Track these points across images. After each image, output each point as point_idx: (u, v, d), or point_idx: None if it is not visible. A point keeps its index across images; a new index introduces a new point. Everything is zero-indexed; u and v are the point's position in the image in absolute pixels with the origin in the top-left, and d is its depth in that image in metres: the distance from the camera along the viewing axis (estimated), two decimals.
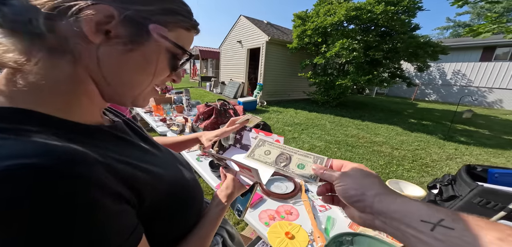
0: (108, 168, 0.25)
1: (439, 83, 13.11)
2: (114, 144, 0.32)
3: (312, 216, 0.84)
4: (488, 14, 3.81)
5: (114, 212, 0.24)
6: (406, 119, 6.61)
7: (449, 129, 5.09)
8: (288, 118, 5.63)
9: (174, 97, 2.66)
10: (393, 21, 6.28)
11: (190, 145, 0.75)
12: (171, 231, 0.37)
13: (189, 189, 0.41)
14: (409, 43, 6.65)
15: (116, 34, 0.26)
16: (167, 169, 0.37)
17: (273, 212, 0.87)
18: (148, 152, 0.38)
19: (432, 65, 11.14)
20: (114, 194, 0.24)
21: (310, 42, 7.40)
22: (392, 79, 7.84)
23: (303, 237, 0.75)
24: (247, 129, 0.62)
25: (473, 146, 4.26)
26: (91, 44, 0.26)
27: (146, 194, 0.29)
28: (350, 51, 6.08)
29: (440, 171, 3.11)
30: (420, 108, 9.43)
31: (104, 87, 0.30)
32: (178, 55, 0.33)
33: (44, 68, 0.25)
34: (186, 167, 0.47)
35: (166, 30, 0.30)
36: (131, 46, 0.28)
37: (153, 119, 2.11)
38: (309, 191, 1.03)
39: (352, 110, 7.34)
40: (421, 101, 12.46)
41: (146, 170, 0.31)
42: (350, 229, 0.80)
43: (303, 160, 0.42)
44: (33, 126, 0.24)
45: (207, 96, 8.71)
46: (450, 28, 26.58)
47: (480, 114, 8.25)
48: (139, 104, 0.35)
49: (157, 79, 0.33)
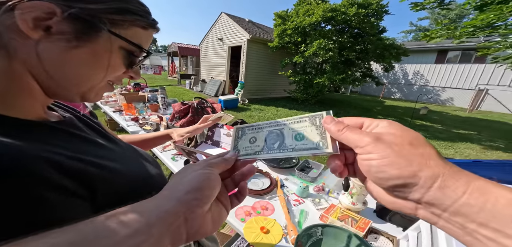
0: (53, 163, 0.25)
1: (402, 82, 14.52)
2: (61, 140, 0.31)
3: (286, 210, 0.88)
4: (439, 21, 4.33)
5: (60, 205, 0.24)
6: (375, 115, 7.23)
7: (409, 124, 5.70)
8: (269, 116, 5.73)
9: (148, 95, 2.51)
10: (364, 23, 6.81)
11: (161, 141, 0.74)
12: None
13: (153, 183, 0.40)
14: (377, 45, 7.26)
15: (58, 30, 0.26)
16: (126, 164, 0.37)
17: (249, 208, 0.89)
18: (104, 147, 0.38)
19: (396, 66, 12.25)
20: (59, 187, 0.24)
21: (290, 41, 7.59)
22: (363, 78, 8.48)
23: (277, 231, 0.79)
24: (219, 126, 0.63)
25: (429, 139, 4.84)
26: (29, 40, 0.25)
27: (99, 189, 0.29)
28: (326, 51, 6.41)
29: None
30: (387, 106, 10.37)
31: (47, 83, 0.30)
32: (135, 52, 0.33)
33: None
34: (152, 162, 0.46)
35: (118, 28, 0.30)
36: (76, 43, 0.27)
37: (123, 118, 1.97)
38: (284, 186, 1.08)
39: (329, 107, 7.76)
40: (388, 99, 13.68)
41: (100, 165, 0.31)
42: (321, 221, 0.86)
43: (299, 127, 0.31)
44: None
45: (186, 94, 8.39)
46: (412, 32, 29.48)
47: (434, 111, 9.37)
48: (90, 99, 0.34)
49: (110, 75, 0.33)
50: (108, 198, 0.30)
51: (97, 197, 0.29)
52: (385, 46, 7.41)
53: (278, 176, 1.15)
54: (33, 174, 0.23)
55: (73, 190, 0.26)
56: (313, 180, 1.12)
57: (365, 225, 0.77)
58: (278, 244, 0.74)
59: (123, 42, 0.31)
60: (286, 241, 0.76)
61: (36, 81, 0.29)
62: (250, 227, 0.79)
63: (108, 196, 0.30)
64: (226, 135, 0.60)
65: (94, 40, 0.28)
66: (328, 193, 1.04)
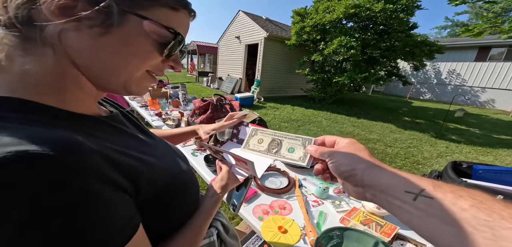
0: (105, 157, 0.25)
1: (434, 82, 13.30)
2: (111, 134, 0.32)
3: (304, 210, 0.86)
4: (484, 15, 3.88)
5: (111, 200, 0.24)
6: (401, 117, 6.73)
7: (441, 128, 5.20)
8: (285, 115, 5.66)
9: (170, 91, 2.63)
10: (391, 20, 6.32)
11: (187, 137, 0.75)
12: (167, 222, 0.37)
13: (185, 180, 0.40)
14: (406, 42, 6.71)
15: (85, 17, 0.25)
16: (163, 159, 0.37)
17: (267, 207, 0.89)
18: (144, 142, 0.38)
19: (428, 64, 11.26)
20: (111, 182, 0.25)
21: (308, 39, 7.38)
22: (388, 77, 7.93)
23: (295, 231, 0.77)
24: (244, 124, 0.63)
25: (463, 144, 4.38)
26: (65, 31, 0.25)
27: (142, 184, 0.29)
28: (348, 49, 6.10)
29: (430, 168, 3.20)
30: (414, 107, 9.59)
31: (91, 75, 0.30)
32: (167, 37, 0.30)
33: (29, 59, 0.25)
34: (182, 158, 0.47)
35: (144, 10, 0.28)
36: (104, 30, 0.26)
37: (148, 113, 2.09)
38: (303, 186, 1.06)
39: (348, 107, 7.42)
40: (416, 100, 12.65)
41: (143, 160, 0.31)
42: (341, 223, 0.82)
43: (293, 143, 0.44)
44: (30, 115, 0.24)
45: (204, 91, 8.64)
46: (448, 27, 26.79)
47: (472, 113, 8.44)
48: (132, 91, 0.33)
49: (146, 64, 0.31)
50: (147, 193, 0.30)
51: (140, 192, 0.29)
52: (415, 43, 6.80)
53: (296, 175, 1.13)
54: (93, 169, 0.23)
55: (124, 186, 0.26)
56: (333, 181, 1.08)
57: (391, 231, 0.72)
58: (296, 244, 0.73)
59: (150, 25, 0.28)
60: (304, 242, 0.75)
61: (83, 75, 0.29)
62: (268, 226, 0.79)
63: (148, 191, 0.30)
64: None
65: (121, 25, 0.27)
66: (350, 196, 1.00)
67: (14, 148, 0.19)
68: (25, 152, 0.19)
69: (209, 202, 0.47)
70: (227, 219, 0.61)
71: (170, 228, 0.38)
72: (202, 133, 0.72)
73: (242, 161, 0.45)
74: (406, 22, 6.81)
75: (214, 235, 0.52)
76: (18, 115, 0.23)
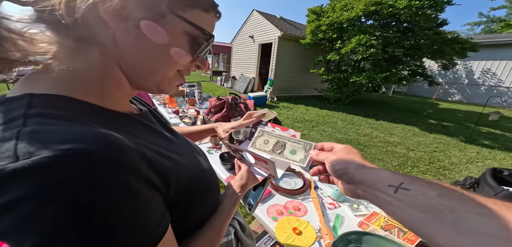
0: (142, 155, 0.26)
1: (465, 82, 12.18)
2: (143, 132, 0.33)
3: (320, 213, 0.84)
4: None
5: (148, 199, 0.24)
6: (425, 119, 6.27)
7: (472, 131, 4.76)
8: (298, 115, 5.56)
9: (186, 90, 2.72)
10: (417, 17, 5.86)
11: (206, 135, 0.76)
12: (189, 220, 0.37)
13: (206, 178, 0.41)
14: (434, 39, 6.18)
15: (133, 18, 0.26)
16: (187, 158, 0.37)
17: (281, 207, 0.88)
18: (170, 140, 0.39)
19: (459, 63, 10.33)
20: (147, 180, 0.25)
21: (324, 38, 7.17)
22: (412, 77, 7.42)
23: (310, 233, 0.75)
24: (263, 123, 0.62)
25: (498, 149, 3.96)
26: (112, 30, 0.27)
27: (171, 182, 0.29)
28: (367, 47, 5.80)
29: (459, 175, 2.93)
30: (441, 109, 8.88)
31: (131, 74, 0.31)
32: (198, 38, 0.32)
33: (76, 58, 0.27)
34: (203, 156, 0.47)
35: (181, 11, 0.29)
36: None
37: (166, 111, 2.18)
38: (319, 188, 1.03)
39: (365, 108, 7.08)
40: (443, 102, 11.70)
41: (170, 158, 0.32)
42: (359, 228, 0.79)
43: (295, 146, 0.48)
44: (73, 112, 0.25)
45: (218, 90, 8.81)
46: (482, 23, 24.34)
47: (508, 116, 7.60)
48: (165, 89, 0.34)
49: (178, 64, 0.32)
50: (174, 191, 0.30)
51: (169, 191, 0.29)
52: (445, 41, 6.25)
53: (312, 177, 1.10)
54: (135, 168, 0.23)
55: (157, 185, 0.27)
56: None
57: (415, 238, 0.67)
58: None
59: (187, 26, 0.30)
60: (320, 245, 0.73)
61: (123, 73, 0.31)
62: (282, 227, 0.78)
63: (175, 190, 0.30)
64: None
65: (164, 26, 0.28)
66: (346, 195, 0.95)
67: (66, 146, 0.19)
68: (77, 149, 0.20)
69: (229, 201, 0.47)
70: (243, 218, 0.61)
71: (191, 228, 0.38)
72: (221, 132, 0.71)
73: (262, 161, 0.45)
74: (434, 19, 6.29)
75: (231, 234, 0.52)
76: (66, 113, 0.24)
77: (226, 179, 1.09)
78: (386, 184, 0.29)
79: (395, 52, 6.54)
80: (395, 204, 0.27)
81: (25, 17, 0.24)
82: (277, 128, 0.57)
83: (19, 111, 0.22)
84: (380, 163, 3.12)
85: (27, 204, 0.18)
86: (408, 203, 0.26)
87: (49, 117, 0.23)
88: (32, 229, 0.18)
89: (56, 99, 0.25)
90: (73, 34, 0.26)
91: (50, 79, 0.26)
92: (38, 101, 0.24)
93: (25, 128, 0.20)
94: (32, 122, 0.21)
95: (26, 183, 0.18)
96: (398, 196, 0.27)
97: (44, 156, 0.18)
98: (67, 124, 0.23)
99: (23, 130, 0.20)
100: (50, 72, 0.26)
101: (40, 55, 0.25)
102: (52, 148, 0.19)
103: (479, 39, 9.74)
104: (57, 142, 0.20)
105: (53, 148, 0.19)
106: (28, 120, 0.21)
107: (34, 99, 0.24)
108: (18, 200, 0.18)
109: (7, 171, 0.18)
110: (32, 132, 0.20)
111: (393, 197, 0.28)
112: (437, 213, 0.23)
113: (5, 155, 0.18)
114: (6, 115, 0.22)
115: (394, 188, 0.28)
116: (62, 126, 0.22)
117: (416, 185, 0.27)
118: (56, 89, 0.26)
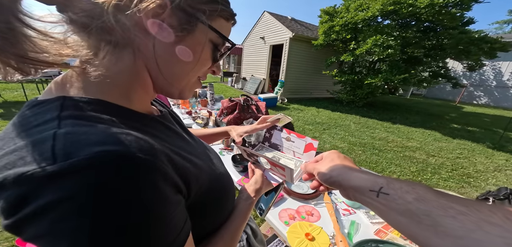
0: (167, 158, 0.26)
1: (492, 84, 11.31)
2: (166, 134, 0.33)
3: (334, 218, 0.81)
4: None
5: (174, 202, 0.25)
6: (447, 124, 5.89)
7: (501, 137, 4.39)
8: (309, 117, 5.47)
9: (199, 91, 2.77)
10: (440, 15, 5.52)
11: (219, 137, 0.75)
12: (206, 224, 0.37)
13: (224, 183, 0.40)
14: (460, 39, 5.78)
15: (168, 24, 0.27)
16: (205, 161, 0.37)
17: (293, 212, 0.86)
18: (189, 143, 0.39)
19: (487, 63, 9.58)
20: (174, 184, 0.25)
21: (337, 39, 7.01)
22: (433, 79, 7.01)
23: (323, 240, 0.73)
24: (278, 128, 0.62)
25: None
26: (149, 35, 0.27)
27: (192, 186, 0.29)
28: (385, 48, 5.57)
29: (485, 183, 2.71)
30: (465, 113, 8.30)
31: (158, 78, 0.31)
32: (219, 45, 0.33)
33: (109, 61, 0.27)
34: (219, 160, 0.46)
35: (209, 19, 0.30)
36: (181, 36, 0.28)
37: (180, 111, 2.24)
38: (332, 193, 1.00)
39: (381, 111, 6.80)
40: (468, 105, 10.94)
41: (191, 161, 0.32)
42: (376, 236, 0.75)
43: (288, 162, 0.51)
44: (105, 115, 0.25)
45: (228, 91, 8.91)
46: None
47: None
48: (185, 95, 0.35)
49: (200, 70, 0.33)
50: (194, 195, 0.30)
51: (190, 194, 0.29)
52: (471, 40, 5.82)
53: None
54: (163, 170, 0.23)
55: (180, 188, 0.27)
56: None
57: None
58: None
59: (213, 34, 0.31)
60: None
61: (150, 77, 0.31)
62: (294, 232, 0.76)
63: (195, 194, 0.30)
64: (285, 139, 0.60)
65: (193, 33, 0.29)
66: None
67: (102, 148, 0.20)
68: (112, 151, 0.20)
69: (244, 205, 0.46)
70: (255, 223, 0.61)
71: (207, 232, 0.38)
72: (235, 136, 0.71)
73: (278, 166, 0.44)
74: (460, 18, 5.87)
75: (243, 240, 0.51)
76: (97, 116, 0.24)
77: (238, 181, 1.10)
78: (367, 189, 0.30)
79: (415, 52, 6.21)
80: (380, 208, 0.28)
81: (50, 17, 0.24)
82: (293, 134, 0.56)
83: (53, 113, 0.22)
84: (397, 168, 2.97)
85: (65, 206, 0.18)
86: (390, 207, 0.27)
87: (83, 119, 0.23)
88: (68, 233, 0.18)
89: (88, 102, 0.25)
90: (109, 38, 0.26)
91: (81, 82, 0.27)
92: (70, 103, 0.24)
93: (60, 129, 0.21)
94: (66, 124, 0.22)
95: (64, 185, 0.18)
96: (381, 200, 0.28)
97: (82, 158, 0.18)
98: (100, 126, 0.23)
99: (59, 132, 0.20)
100: (81, 75, 0.27)
101: (67, 57, 0.25)
102: (88, 150, 0.19)
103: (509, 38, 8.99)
104: (93, 143, 0.20)
105: (90, 150, 0.19)
106: (62, 122, 0.22)
107: (66, 101, 0.24)
108: (56, 202, 0.18)
109: (46, 173, 0.18)
110: (68, 133, 0.20)
111: (377, 201, 0.29)
112: (416, 217, 0.25)
113: (43, 157, 0.18)
114: (41, 117, 0.22)
115: (375, 193, 0.29)
116: (95, 127, 0.22)
117: (394, 189, 0.28)
118: (88, 92, 0.26)
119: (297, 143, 0.54)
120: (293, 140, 0.55)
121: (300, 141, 0.54)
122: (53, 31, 0.24)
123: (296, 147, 0.55)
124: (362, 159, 3.21)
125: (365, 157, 3.27)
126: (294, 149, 0.56)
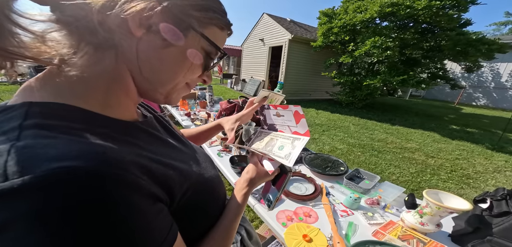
0: (143, 168, 0.25)
1: (491, 86, 11.35)
2: (147, 141, 0.32)
3: (332, 220, 0.81)
4: None
5: (151, 213, 0.24)
6: (447, 125, 5.90)
7: (500, 138, 4.40)
8: (308, 119, 5.47)
9: (198, 92, 2.78)
10: (437, 17, 5.56)
11: (213, 133, 0.74)
12: (196, 228, 0.37)
13: (213, 186, 0.39)
14: (457, 40, 5.81)
15: (156, 29, 0.26)
16: (192, 165, 0.36)
17: (291, 213, 0.86)
18: (175, 148, 0.38)
19: (484, 65, 9.63)
20: (150, 194, 0.24)
21: (336, 40, 7.04)
22: (432, 80, 7.02)
23: (321, 241, 0.73)
24: (266, 107, 0.60)
25: None
26: (133, 38, 0.26)
27: (175, 192, 0.29)
28: (383, 49, 5.60)
29: (484, 184, 2.71)
30: (464, 114, 8.33)
31: (141, 83, 0.30)
32: (212, 54, 0.32)
33: (88, 63, 0.25)
34: (210, 163, 0.45)
35: (201, 27, 0.29)
36: (169, 42, 0.27)
37: (179, 113, 2.24)
38: (330, 195, 1.00)
39: (380, 113, 6.80)
40: (467, 106, 10.96)
41: (175, 167, 0.31)
42: (374, 237, 0.75)
43: (284, 142, 0.50)
44: (76, 123, 0.23)
45: (228, 93, 8.91)
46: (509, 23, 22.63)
47: None
48: (172, 101, 0.34)
49: (188, 77, 0.33)
50: (179, 201, 0.30)
51: (174, 201, 0.29)
52: (469, 42, 5.84)
53: (323, 182, 1.07)
54: (135, 183, 0.22)
55: (160, 197, 0.26)
56: (365, 191, 1.00)
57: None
58: None
59: (205, 43, 0.30)
60: None
61: (133, 81, 0.30)
62: (292, 233, 0.76)
63: (179, 199, 0.30)
64: (276, 116, 0.58)
65: (183, 39, 0.28)
66: (385, 208, 0.90)
67: (58, 164, 0.18)
68: (69, 167, 0.18)
69: (237, 196, 0.45)
70: (250, 224, 0.59)
71: (198, 235, 0.37)
72: (228, 125, 0.69)
73: (271, 160, 0.44)
74: (457, 19, 5.91)
75: (237, 242, 0.50)
76: (65, 124, 0.23)
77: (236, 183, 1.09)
78: None
79: (413, 54, 6.23)
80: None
81: (39, 15, 0.23)
82: (279, 108, 0.55)
83: (16, 122, 0.21)
84: (396, 169, 2.97)
85: (13, 228, 0.17)
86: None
87: (46, 129, 0.21)
88: None
89: (56, 108, 0.24)
90: (89, 39, 0.25)
91: (53, 86, 0.25)
92: (37, 110, 0.23)
93: (19, 142, 0.19)
94: (26, 135, 0.20)
95: (13, 204, 0.17)
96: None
97: (33, 175, 0.17)
98: (63, 137, 0.21)
99: (16, 144, 0.19)
100: (54, 77, 0.25)
101: (46, 54, 0.24)
102: (42, 166, 0.18)
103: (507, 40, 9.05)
104: (49, 159, 0.18)
105: (44, 167, 0.18)
106: (23, 133, 0.20)
107: (32, 108, 0.23)
108: (5, 223, 0.17)
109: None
110: (24, 147, 0.19)
111: None
112: None
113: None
114: (5, 125, 0.21)
115: None
116: (58, 139, 0.21)
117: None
118: (58, 96, 0.25)
119: (287, 115, 0.52)
120: (283, 114, 0.53)
121: (288, 112, 0.52)
122: (33, 28, 0.23)
123: (288, 121, 0.53)
124: (361, 160, 3.20)
125: (365, 158, 3.26)
126: (287, 123, 0.53)
